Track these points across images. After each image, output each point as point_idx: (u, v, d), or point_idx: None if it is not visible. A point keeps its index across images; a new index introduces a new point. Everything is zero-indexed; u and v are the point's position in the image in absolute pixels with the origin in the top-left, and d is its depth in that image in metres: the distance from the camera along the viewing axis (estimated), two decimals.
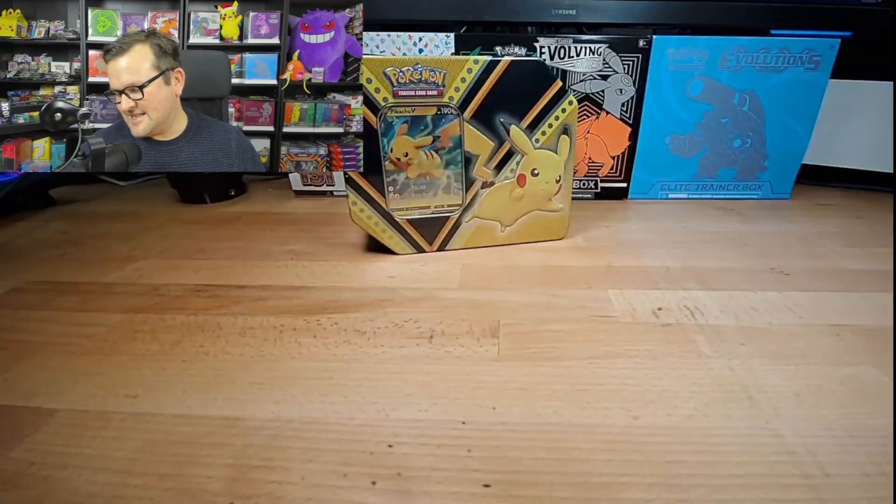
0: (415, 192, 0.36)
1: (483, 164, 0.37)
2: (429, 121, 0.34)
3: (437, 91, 0.33)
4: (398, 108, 0.33)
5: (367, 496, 0.17)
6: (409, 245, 0.38)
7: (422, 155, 0.35)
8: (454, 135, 0.35)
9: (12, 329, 0.28)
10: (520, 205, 0.39)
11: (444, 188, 0.37)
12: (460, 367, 0.24)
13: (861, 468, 0.18)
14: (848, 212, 0.50)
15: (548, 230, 0.41)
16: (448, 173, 0.36)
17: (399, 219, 0.37)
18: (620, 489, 0.17)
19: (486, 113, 0.35)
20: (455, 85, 0.34)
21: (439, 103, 0.34)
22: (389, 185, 0.36)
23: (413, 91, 0.33)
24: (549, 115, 0.37)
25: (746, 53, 0.48)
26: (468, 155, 0.36)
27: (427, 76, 0.33)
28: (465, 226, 0.38)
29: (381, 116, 0.33)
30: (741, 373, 0.23)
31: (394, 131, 0.34)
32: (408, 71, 0.32)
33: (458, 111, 0.35)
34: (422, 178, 0.36)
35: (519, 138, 0.36)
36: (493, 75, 0.34)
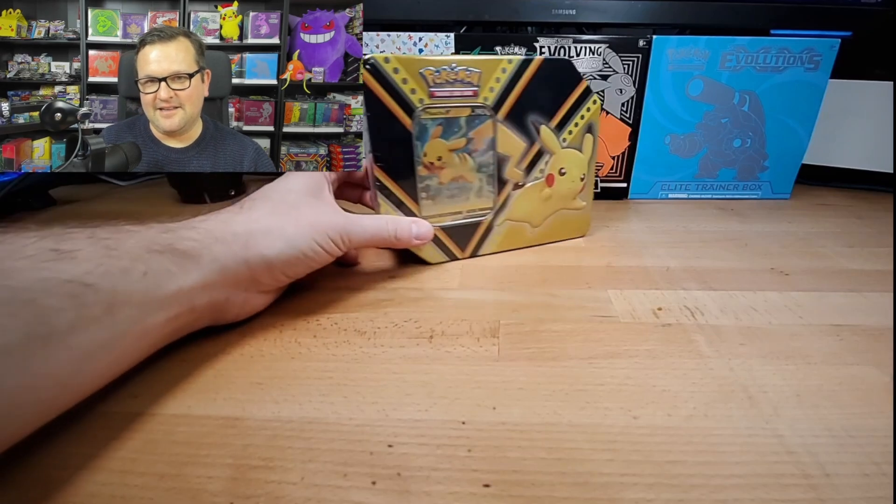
0: (447, 197, 0.35)
1: (514, 166, 0.36)
2: (462, 122, 0.33)
3: (472, 91, 0.32)
4: (432, 109, 0.32)
5: (367, 496, 0.17)
6: (442, 253, 0.36)
7: (455, 158, 0.34)
8: (487, 136, 0.34)
9: None
10: (548, 204, 0.39)
11: (477, 191, 0.35)
12: (460, 367, 0.24)
13: (861, 468, 0.18)
14: (848, 212, 0.50)
15: (572, 228, 0.41)
16: (481, 176, 0.35)
17: (433, 226, 0.34)
18: (620, 489, 0.17)
19: (518, 113, 0.34)
20: (489, 85, 0.33)
21: (474, 104, 0.33)
22: (422, 190, 0.34)
23: (449, 91, 0.32)
24: (576, 114, 0.36)
25: (746, 53, 0.48)
26: (501, 156, 0.35)
27: (463, 76, 0.32)
28: (497, 229, 0.37)
29: (416, 118, 0.32)
30: (741, 373, 0.23)
31: (428, 134, 0.33)
32: (444, 71, 0.31)
33: (493, 112, 0.34)
34: (455, 182, 0.35)
35: (549, 138, 0.36)
36: (526, 75, 0.34)
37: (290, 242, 0.26)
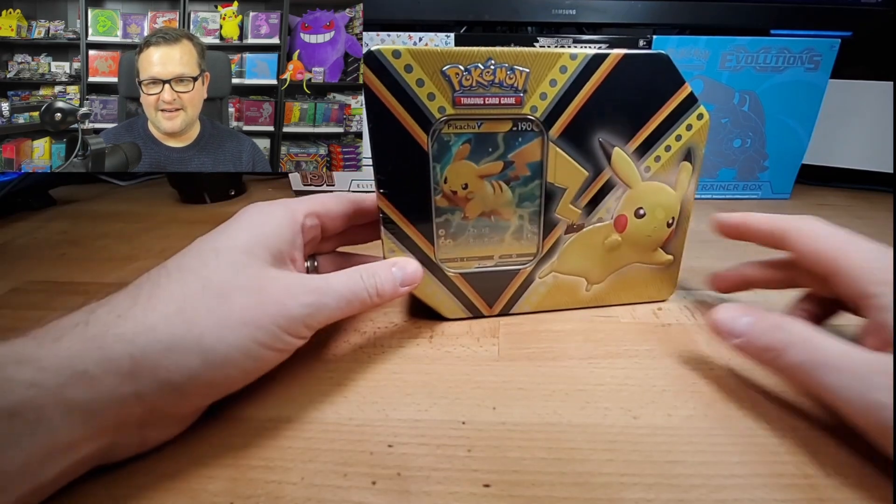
0: (474, 238, 0.27)
1: (570, 202, 0.26)
2: (500, 140, 0.25)
3: (514, 98, 0.23)
4: (459, 121, 0.24)
5: (367, 496, 0.17)
6: (461, 308, 0.28)
7: (487, 187, 0.25)
8: (533, 160, 0.25)
9: (12, 329, 0.28)
10: (615, 256, 0.28)
11: (515, 232, 0.27)
12: (460, 367, 0.24)
13: (861, 468, 0.18)
14: (848, 212, 0.50)
15: (647, 288, 0.30)
16: (521, 213, 0.26)
17: (451, 273, 0.27)
18: (620, 489, 0.17)
19: (580, 130, 0.25)
20: (541, 90, 0.24)
21: (517, 115, 0.24)
22: (440, 227, 0.26)
23: (482, 99, 0.23)
24: (669, 133, 0.26)
25: (746, 53, 0.48)
26: (551, 189, 0.26)
27: (503, 76, 0.23)
28: (538, 283, 0.28)
29: (435, 134, 0.24)
30: (741, 373, 0.23)
31: (451, 154, 0.24)
32: (476, 69, 0.23)
33: (543, 127, 0.24)
34: (485, 219, 0.26)
35: (624, 166, 0.26)
36: (597, 76, 0.24)
37: (210, 357, 0.17)
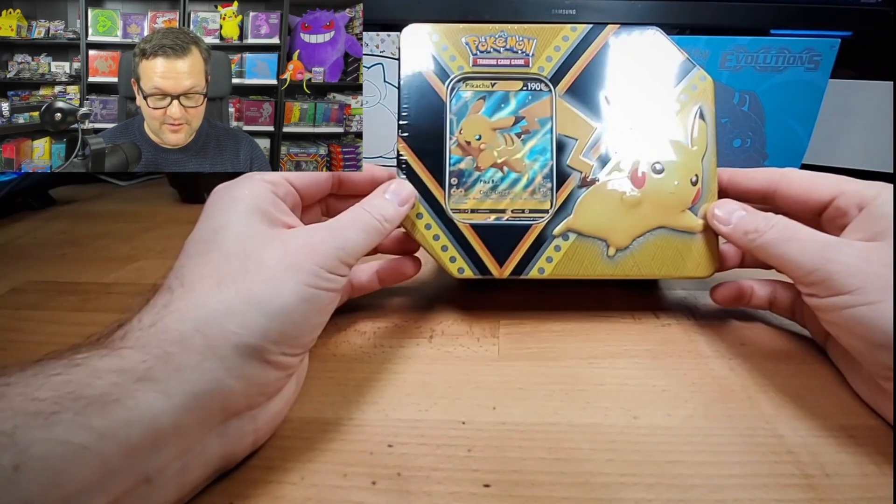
0: (486, 189, 0.27)
1: (581, 154, 0.27)
2: (511, 97, 0.27)
3: (524, 60, 0.27)
4: (474, 80, 0.27)
5: (367, 496, 0.17)
6: (469, 264, 0.27)
7: (499, 139, 0.27)
8: (543, 116, 0.27)
9: (12, 329, 0.28)
10: (637, 215, 0.27)
11: (527, 186, 0.27)
12: (460, 367, 0.24)
13: (861, 468, 0.18)
14: None
15: (682, 262, 0.27)
16: (533, 166, 0.27)
17: (461, 223, 0.27)
18: (620, 489, 0.17)
19: (585, 87, 0.27)
20: (547, 54, 0.27)
21: (527, 74, 0.27)
22: (452, 175, 0.27)
23: (495, 60, 0.27)
24: (673, 93, 0.28)
25: (746, 53, 0.48)
26: (561, 139, 0.27)
27: (513, 43, 0.27)
28: (554, 242, 0.27)
29: (454, 88, 0.27)
30: (741, 373, 0.23)
31: (467, 109, 0.27)
32: (490, 38, 0.28)
33: (551, 84, 0.27)
34: (497, 170, 0.27)
35: (626, 118, 0.28)
36: (597, 42, 0.27)
37: (269, 307, 0.17)
